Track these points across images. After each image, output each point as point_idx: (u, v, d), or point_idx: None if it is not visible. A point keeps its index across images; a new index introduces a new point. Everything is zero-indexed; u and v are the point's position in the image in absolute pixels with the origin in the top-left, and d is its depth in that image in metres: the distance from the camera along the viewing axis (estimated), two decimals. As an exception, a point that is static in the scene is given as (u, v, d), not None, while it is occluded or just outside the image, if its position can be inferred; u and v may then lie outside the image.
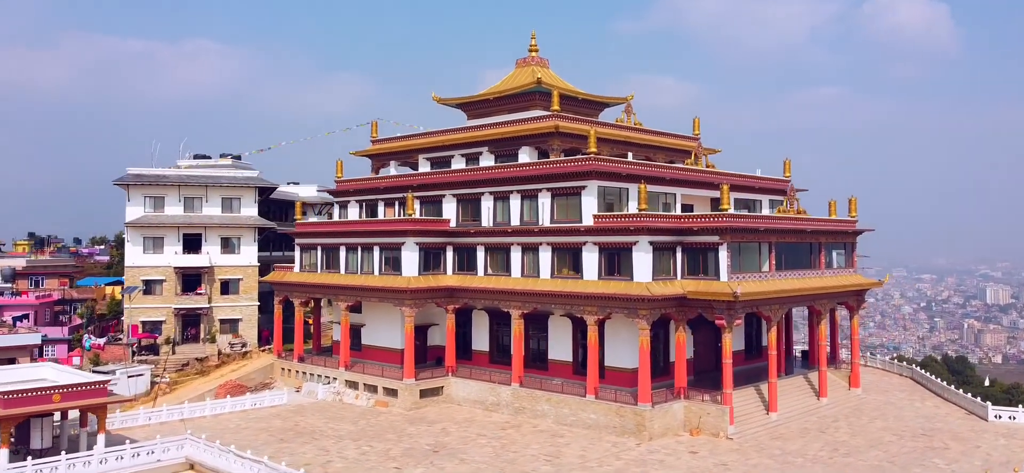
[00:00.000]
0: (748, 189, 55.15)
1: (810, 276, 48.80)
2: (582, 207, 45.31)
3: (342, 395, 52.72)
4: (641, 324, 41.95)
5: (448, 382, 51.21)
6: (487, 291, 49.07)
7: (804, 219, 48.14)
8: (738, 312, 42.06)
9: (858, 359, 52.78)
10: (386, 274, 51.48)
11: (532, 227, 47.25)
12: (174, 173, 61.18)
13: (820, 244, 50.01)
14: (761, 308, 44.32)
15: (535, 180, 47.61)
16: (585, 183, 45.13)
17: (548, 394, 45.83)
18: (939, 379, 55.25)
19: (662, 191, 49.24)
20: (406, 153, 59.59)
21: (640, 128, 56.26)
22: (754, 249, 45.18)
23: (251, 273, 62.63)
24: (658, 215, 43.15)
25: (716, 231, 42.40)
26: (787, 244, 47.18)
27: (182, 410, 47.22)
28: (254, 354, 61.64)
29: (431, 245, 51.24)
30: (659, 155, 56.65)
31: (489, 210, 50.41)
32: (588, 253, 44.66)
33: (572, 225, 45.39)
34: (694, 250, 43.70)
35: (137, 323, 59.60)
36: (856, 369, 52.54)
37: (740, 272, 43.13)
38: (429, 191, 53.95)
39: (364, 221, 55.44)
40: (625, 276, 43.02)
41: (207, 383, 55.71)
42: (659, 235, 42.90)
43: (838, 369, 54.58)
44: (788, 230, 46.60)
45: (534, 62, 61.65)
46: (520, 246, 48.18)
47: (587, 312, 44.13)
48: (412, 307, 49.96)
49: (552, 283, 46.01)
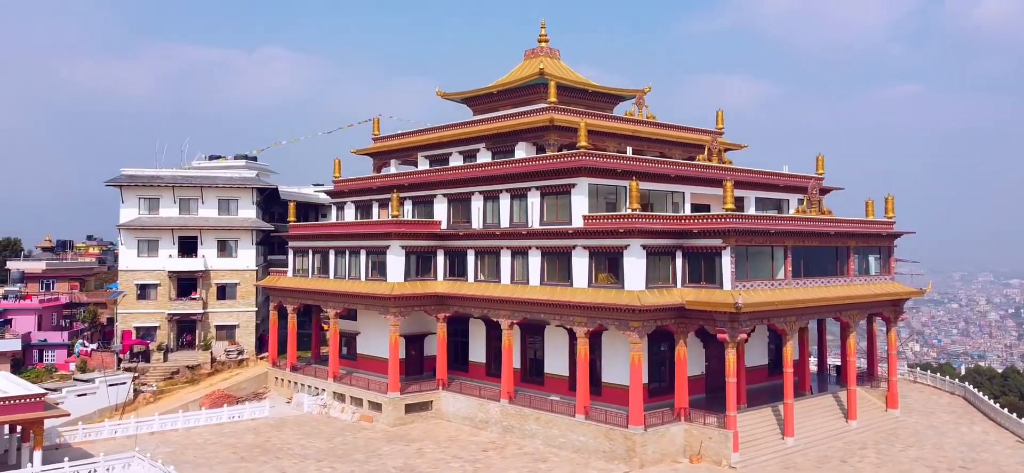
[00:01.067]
0: (772, 187, 49.91)
1: (836, 284, 43.50)
2: (572, 207, 41.03)
3: (329, 408, 49.58)
4: (632, 338, 37.48)
5: (438, 396, 47.54)
6: (475, 299, 45.22)
7: (826, 220, 42.86)
8: (744, 325, 37.18)
9: (895, 376, 47.04)
10: (372, 280, 48.14)
11: (520, 229, 43.22)
12: (169, 174, 59.15)
13: (848, 248, 44.60)
14: (774, 320, 39.34)
15: (524, 178, 43.55)
16: (574, 181, 40.86)
17: (537, 412, 41.71)
18: (992, 400, 49.01)
19: (667, 190, 44.59)
20: (406, 151, 56.23)
21: (652, 122, 51.65)
22: (766, 254, 40.24)
23: (249, 277, 60.13)
24: (651, 215, 38.57)
25: (718, 233, 37.66)
26: (808, 248, 42.02)
27: (152, 423, 44.76)
28: (251, 362, 59.11)
29: (419, 248, 47.66)
30: (676, 151, 51.92)
31: (479, 211, 46.57)
32: (578, 258, 40.41)
33: (560, 227, 41.20)
34: (695, 255, 39.03)
35: (131, 329, 57.68)
36: (893, 388, 46.81)
37: (748, 279, 38.31)
38: (421, 191, 50.42)
39: (349, 223, 52.28)
40: (616, 283, 38.64)
41: (195, 392, 53.30)
42: (654, 237, 38.37)
43: (875, 387, 48.92)
44: (807, 232, 41.44)
45: (543, 53, 57.55)
46: (509, 250, 44.20)
47: (577, 323, 39.87)
48: (397, 315, 46.48)
49: (541, 291, 41.89)
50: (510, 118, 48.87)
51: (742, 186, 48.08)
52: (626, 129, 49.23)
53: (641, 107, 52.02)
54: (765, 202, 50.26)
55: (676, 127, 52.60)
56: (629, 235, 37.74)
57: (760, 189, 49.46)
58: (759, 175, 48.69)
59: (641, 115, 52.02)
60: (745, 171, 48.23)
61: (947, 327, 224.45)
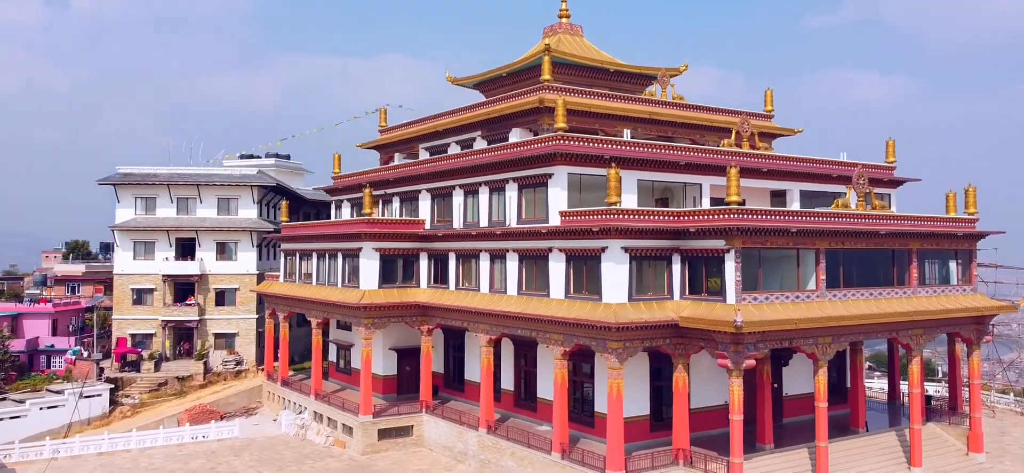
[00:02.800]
0: (822, 178, 41.15)
1: (891, 297, 34.68)
2: (549, 201, 34.06)
3: (307, 429, 44.41)
4: (610, 362, 30.22)
5: (420, 421, 41.49)
6: (454, 310, 38.91)
7: (873, 216, 34.13)
8: (752, 348, 29.26)
9: (978, 412, 37.46)
10: (349, 285, 42.61)
11: (495, 229, 36.60)
12: (166, 171, 55.69)
13: (910, 251, 35.61)
14: (799, 342, 31.13)
15: (500, 168, 36.89)
16: (551, 170, 33.87)
17: (514, 446, 35.00)
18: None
19: (681, 181, 36.91)
20: (407, 142, 50.45)
21: (675, 103, 43.79)
22: (789, 259, 32.13)
23: (249, 282, 55.92)
24: (635, 211, 31.06)
25: (720, 232, 29.90)
26: (851, 252, 33.51)
27: (100, 442, 40.75)
28: (250, 373, 54.88)
29: (398, 251, 41.75)
30: (708, 136, 43.97)
31: (460, 208, 40.22)
32: (554, 262, 33.43)
33: (535, 226, 34.32)
34: (696, 259, 31.36)
35: (126, 336, 54.51)
36: (976, 427, 37.26)
37: (762, 290, 30.38)
38: (406, 186, 44.56)
39: (324, 223, 47.01)
40: (593, 294, 31.46)
41: (180, 405, 49.35)
42: (639, 238, 30.95)
43: (957, 424, 39.45)
44: (848, 232, 32.94)
45: (562, 29, 50.56)
46: (488, 253, 37.66)
47: (553, 341, 32.91)
48: (371, 326, 40.73)
49: (516, 302, 35.16)
50: (503, 100, 42.24)
51: (782, 177, 39.88)
52: (640, 111, 41.70)
53: (665, 87, 44.28)
54: (815, 196, 41.57)
55: (705, 108, 44.55)
56: (605, 234, 30.48)
57: (806, 180, 40.88)
58: (800, 163, 40.15)
59: (665, 96, 44.30)
60: (781, 158, 39.88)
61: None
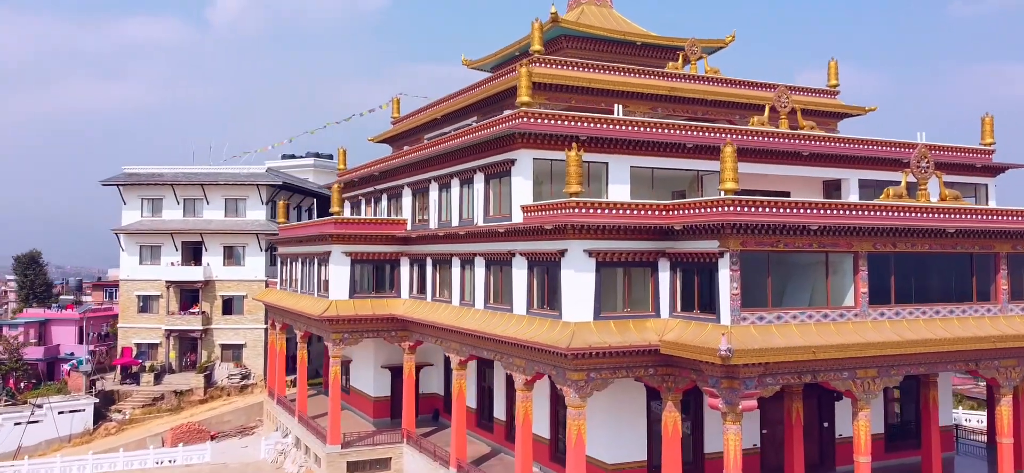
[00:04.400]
0: (887, 163, 32.80)
1: (967, 316, 26.31)
2: (512, 194, 27.62)
3: (286, 455, 39.65)
4: (569, 398, 23.55)
5: (399, 452, 35.83)
6: (425, 325, 33.03)
7: (939, 209, 25.84)
8: (749, 385, 21.92)
9: (1093, 470, 28.36)
10: (320, 296, 37.50)
11: (459, 230, 30.49)
12: (171, 171, 52.42)
13: (995, 256, 27.07)
14: (826, 377, 23.45)
15: (465, 155, 30.73)
16: (513, 155, 27.40)
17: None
18: None
19: (685, 167, 29.71)
20: (415, 131, 44.96)
21: (704, 77, 36.35)
22: (815, 266, 24.50)
23: (258, 289, 51.85)
24: (601, 204, 24.15)
25: (712, 230, 22.71)
26: (907, 256, 25.45)
27: (53, 466, 37.16)
28: (257, 387, 50.82)
29: (373, 255, 36.25)
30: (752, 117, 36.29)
31: (435, 204, 34.29)
32: (517, 269, 27.01)
33: (495, 225, 27.96)
34: (688, 266, 24.21)
35: (132, 345, 51.54)
36: (1090, 488, 28.19)
37: (771, 307, 22.99)
38: (391, 182, 39.09)
39: (299, 224, 41.98)
40: (553, 309, 24.85)
41: (172, 422, 45.70)
42: (612, 238, 24.10)
43: (1066, 481, 30.26)
44: (899, 230, 24.90)
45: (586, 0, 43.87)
46: (458, 258, 31.57)
47: (515, 367, 26.50)
48: (339, 343, 35.40)
49: (479, 317, 28.90)
50: (494, 81, 36.08)
51: (833, 162, 32.04)
52: (657, 87, 34.59)
53: (693, 61, 36.91)
54: (879, 186, 33.17)
55: (744, 83, 36.95)
56: (562, 233, 23.81)
57: (867, 166, 32.67)
58: (855, 145, 32.00)
59: (694, 71, 36.92)
60: (830, 139, 31.91)
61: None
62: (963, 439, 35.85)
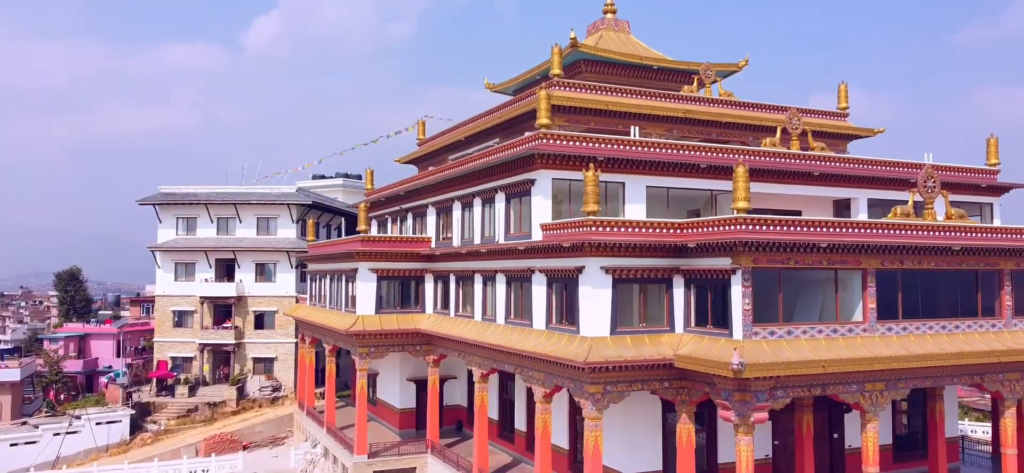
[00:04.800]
0: (895, 183, 33.77)
1: (972, 331, 27.20)
2: (532, 213, 28.96)
3: (315, 464, 41.09)
4: (588, 410, 24.74)
5: (424, 462, 37.11)
6: (449, 340, 34.38)
7: (945, 228, 26.80)
8: (761, 398, 23.01)
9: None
10: (349, 310, 38.99)
11: (481, 248, 31.86)
12: (205, 190, 54.38)
13: (999, 273, 27.96)
14: (836, 390, 24.46)
15: (488, 175, 32.13)
16: (532, 175, 28.76)
17: (502, 501, 30.01)
18: None
19: (700, 187, 30.89)
20: (439, 153, 46.51)
21: (719, 100, 37.53)
22: (825, 282, 25.56)
23: (288, 304, 53.55)
24: (617, 222, 25.41)
25: (725, 248, 23.88)
26: (914, 273, 26.43)
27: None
28: (288, 399, 52.41)
29: (399, 272, 37.71)
30: (755, 137, 37.42)
31: (458, 222, 35.72)
32: (536, 286, 28.28)
33: (515, 243, 29.29)
34: (702, 283, 25.38)
35: (166, 359, 53.38)
36: (1098, 500, 28.79)
37: (783, 322, 24.04)
38: (416, 201, 40.57)
39: (328, 242, 43.52)
40: (571, 324, 26.09)
41: (206, 432, 47.39)
42: (628, 255, 25.33)
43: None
44: (907, 247, 25.90)
45: (606, 25, 45.22)
46: (481, 275, 32.91)
47: (534, 380, 27.73)
48: (365, 357, 36.83)
49: (501, 332, 30.20)
50: (516, 103, 37.49)
51: (843, 182, 33.05)
52: (674, 110, 35.82)
53: (707, 85, 38.13)
54: (887, 205, 34.13)
55: (755, 106, 38.02)
56: (580, 251, 25.08)
57: (876, 186, 33.69)
58: (867, 166, 33.02)
59: (709, 94, 38.13)
60: (840, 159, 32.95)
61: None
62: (969, 450, 36.51)
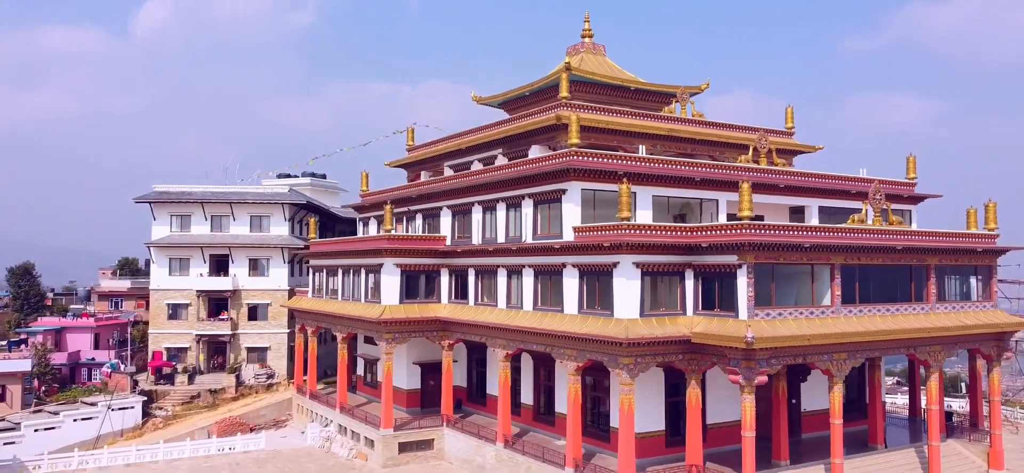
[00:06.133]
0: (841, 194, 41.15)
1: (909, 313, 34.57)
2: (563, 217, 34.65)
3: (332, 441, 45.35)
4: (622, 378, 30.62)
5: (441, 434, 42.17)
6: (472, 325, 39.61)
7: (890, 232, 34.08)
8: (764, 365, 29.47)
9: (999, 429, 37.05)
10: (371, 301, 43.55)
11: (511, 245, 37.28)
12: (200, 190, 57.38)
13: (928, 267, 35.47)
14: (812, 359, 31.22)
15: (516, 184, 37.62)
16: (564, 186, 34.47)
17: (530, 461, 35.49)
18: None
19: (692, 196, 37.27)
20: (434, 160, 51.45)
21: (694, 120, 44.15)
22: (803, 275, 32.25)
23: (281, 297, 57.26)
24: (647, 226, 31.50)
25: (732, 247, 30.19)
26: (867, 268, 33.51)
27: (128, 454, 42.05)
28: (281, 386, 56.11)
29: (418, 267, 42.60)
30: (727, 153, 44.17)
31: (478, 223, 40.99)
32: (568, 278, 33.96)
33: (549, 241, 34.91)
34: (709, 275, 31.66)
35: (161, 349, 56.14)
36: (997, 444, 36.84)
37: (776, 306, 30.55)
38: (428, 203, 45.48)
39: (348, 239, 48.01)
40: (605, 309, 31.92)
41: (211, 417, 50.66)
42: (652, 253, 31.36)
43: (978, 441, 39.04)
44: (863, 247, 32.97)
45: (584, 48, 51.25)
46: (505, 269, 38.32)
47: (567, 356, 33.41)
48: (392, 341, 41.58)
49: (531, 317, 35.73)
50: (523, 118, 43.02)
51: (800, 192, 39.97)
52: (659, 128, 42.15)
53: (685, 104, 44.69)
54: (834, 212, 41.53)
55: (723, 125, 44.85)
56: (616, 250, 30.95)
57: (826, 196, 40.92)
58: (819, 179, 40.24)
59: (685, 113, 44.69)
60: (799, 174, 40.04)
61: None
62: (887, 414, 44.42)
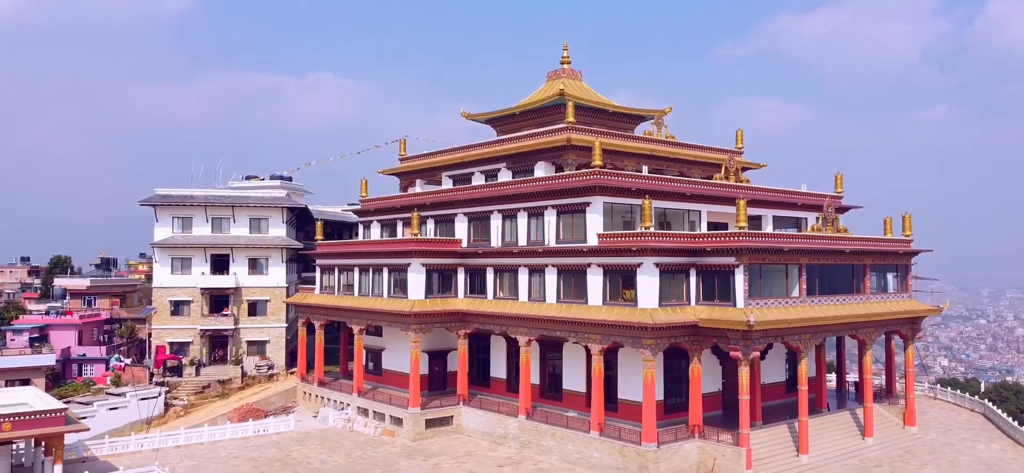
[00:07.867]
0: (790, 205, 50.31)
1: (852, 302, 43.73)
2: (587, 225, 41.90)
3: (353, 422, 50.81)
4: (645, 355, 38.17)
5: (459, 412, 48.54)
6: (494, 316, 46.20)
7: (842, 238, 43.14)
8: (757, 343, 37.73)
9: (912, 393, 46.99)
10: (395, 297, 49.38)
11: (537, 248, 44.17)
12: (202, 193, 61.12)
13: (865, 266, 44.82)
14: (788, 338, 39.78)
15: (540, 196, 44.55)
16: (589, 199, 41.73)
17: (553, 428, 42.49)
18: (1011, 418, 48.71)
19: (683, 208, 45.27)
20: (431, 171, 57.53)
21: (670, 141, 52.31)
22: (780, 272, 40.67)
23: (279, 294, 61.79)
24: (665, 234, 39.26)
25: (731, 251, 38.25)
26: (823, 266, 42.38)
27: (178, 436, 46.28)
28: (281, 377, 60.66)
29: (439, 266, 48.81)
30: (695, 170, 52.50)
31: (498, 229, 47.63)
32: (593, 276, 41.22)
33: (575, 245, 42.06)
34: (709, 273, 39.64)
35: (165, 344, 59.57)
36: (911, 405, 46.77)
37: (761, 297, 38.79)
38: (443, 210, 51.62)
39: (373, 241, 53.60)
40: (629, 301, 39.38)
41: (225, 406, 54.89)
42: (667, 256, 39.07)
43: (893, 404, 48.90)
44: (822, 250, 41.80)
45: (565, 74, 58.61)
46: (527, 268, 45.15)
47: (591, 340, 40.65)
48: (418, 331, 47.64)
49: (556, 308, 42.75)
50: (529, 138, 49.93)
51: (759, 204, 48.55)
52: (643, 148, 50.00)
53: (660, 127, 52.73)
54: (783, 220, 50.64)
55: (694, 146, 53.21)
56: (642, 253, 38.49)
57: (777, 207, 49.87)
58: (776, 193, 49.10)
59: (660, 135, 52.72)
60: (762, 189, 48.69)
61: (975, 342, 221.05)
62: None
